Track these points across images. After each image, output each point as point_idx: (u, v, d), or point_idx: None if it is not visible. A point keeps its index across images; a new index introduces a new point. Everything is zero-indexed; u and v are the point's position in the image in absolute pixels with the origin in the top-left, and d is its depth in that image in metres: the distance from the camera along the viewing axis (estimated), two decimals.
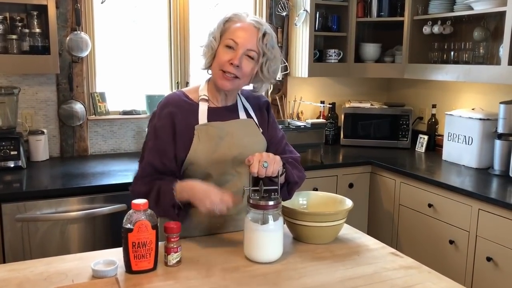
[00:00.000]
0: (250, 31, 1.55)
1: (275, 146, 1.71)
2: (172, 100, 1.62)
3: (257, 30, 1.56)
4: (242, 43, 1.53)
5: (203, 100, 1.63)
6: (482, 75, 2.72)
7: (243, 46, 1.53)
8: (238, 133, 1.63)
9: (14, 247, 2.23)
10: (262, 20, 1.61)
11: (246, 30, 1.55)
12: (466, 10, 2.83)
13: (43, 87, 2.90)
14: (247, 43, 1.53)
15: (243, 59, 1.54)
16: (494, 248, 2.29)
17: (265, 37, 1.56)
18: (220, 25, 1.58)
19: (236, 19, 1.57)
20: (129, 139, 3.16)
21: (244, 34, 1.54)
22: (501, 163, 2.68)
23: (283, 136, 1.78)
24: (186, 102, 1.62)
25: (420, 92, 3.60)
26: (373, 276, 1.37)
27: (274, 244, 1.45)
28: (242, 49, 1.53)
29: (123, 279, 1.31)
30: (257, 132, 1.69)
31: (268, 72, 1.60)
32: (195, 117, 1.60)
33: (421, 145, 3.38)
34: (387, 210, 3.03)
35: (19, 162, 2.63)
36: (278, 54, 1.62)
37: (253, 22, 1.56)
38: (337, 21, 3.43)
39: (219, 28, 1.58)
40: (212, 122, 1.60)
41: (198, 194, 1.45)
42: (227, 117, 1.64)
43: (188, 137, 1.57)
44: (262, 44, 1.55)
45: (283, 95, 3.53)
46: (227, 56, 1.54)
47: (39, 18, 2.64)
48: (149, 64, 3.24)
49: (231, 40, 1.54)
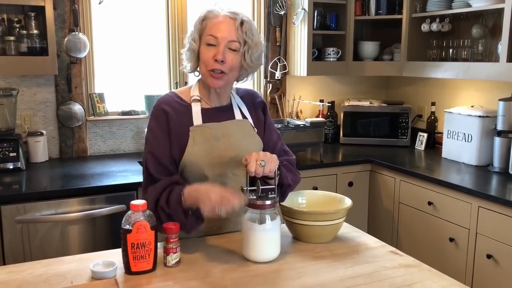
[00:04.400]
0: (227, 23, 1.54)
1: (271, 148, 1.70)
2: (165, 101, 1.61)
3: (234, 21, 1.54)
4: (222, 36, 1.52)
5: (196, 100, 1.62)
6: (481, 72, 2.72)
7: (223, 40, 1.52)
8: (234, 134, 1.62)
9: (14, 249, 2.23)
10: (237, 10, 1.58)
11: (223, 23, 1.54)
12: (464, 8, 2.82)
13: (41, 89, 2.89)
14: (227, 35, 1.52)
15: (226, 53, 1.53)
16: (494, 246, 2.29)
17: (243, 25, 1.54)
18: (197, 25, 1.57)
19: (211, 16, 1.56)
20: (128, 139, 3.15)
21: (222, 28, 1.53)
22: (500, 160, 2.68)
23: (279, 138, 1.77)
24: (178, 103, 1.61)
25: (419, 90, 3.60)
26: (372, 275, 1.37)
27: (272, 244, 1.44)
28: (223, 43, 1.52)
29: (123, 280, 1.31)
30: (253, 133, 1.68)
31: (251, 61, 1.58)
32: (189, 118, 1.59)
33: (420, 143, 3.38)
34: (387, 209, 3.02)
35: (18, 163, 2.63)
36: (259, 40, 1.60)
37: (229, 14, 1.55)
38: (335, 20, 3.42)
39: (196, 29, 1.57)
40: (207, 124, 1.60)
41: (200, 195, 1.42)
42: (221, 118, 1.63)
43: (183, 139, 1.56)
44: (241, 33, 1.54)
45: (282, 94, 3.53)
46: (210, 53, 1.53)
47: (36, 19, 2.63)
48: (148, 65, 3.23)
49: (210, 36, 1.53)
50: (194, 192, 1.45)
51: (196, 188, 1.45)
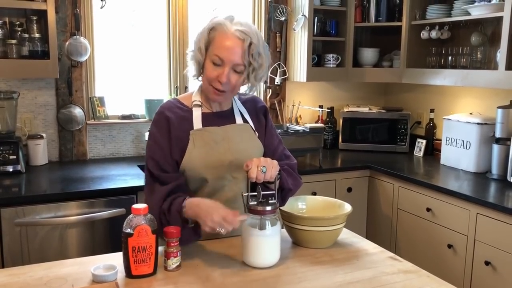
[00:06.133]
0: (235, 44, 1.50)
1: (272, 153, 1.71)
2: (166, 107, 1.63)
3: (242, 42, 1.50)
4: (228, 59, 1.51)
5: (197, 105, 1.63)
6: (480, 80, 2.74)
7: (229, 62, 1.51)
8: (234, 138, 1.63)
9: (13, 252, 2.23)
10: (247, 25, 1.54)
11: (231, 45, 1.51)
12: (464, 16, 2.85)
13: (42, 92, 2.90)
14: (233, 58, 1.51)
15: (230, 74, 1.53)
16: (492, 252, 2.30)
17: (251, 47, 1.52)
18: (204, 34, 1.55)
19: (220, 30, 1.52)
20: (128, 143, 3.16)
21: (229, 50, 1.50)
22: (499, 168, 2.69)
23: (280, 142, 1.78)
24: (180, 108, 1.63)
25: (418, 96, 3.62)
26: (372, 280, 1.38)
27: (272, 249, 1.45)
28: (228, 65, 1.52)
29: (123, 284, 1.31)
30: (254, 137, 1.69)
31: (255, 80, 1.60)
32: (190, 123, 1.60)
33: (419, 150, 3.39)
34: (385, 215, 3.03)
35: (18, 166, 2.64)
36: (265, 60, 1.59)
37: (238, 34, 1.50)
38: (335, 26, 3.44)
39: (203, 38, 1.55)
40: (207, 127, 1.61)
41: (202, 212, 1.42)
42: (222, 122, 1.64)
43: (183, 143, 1.58)
44: (248, 56, 1.53)
45: (282, 99, 3.54)
46: (215, 73, 1.53)
47: (38, 23, 2.65)
48: (148, 69, 3.24)
49: (216, 57, 1.52)
50: (196, 207, 1.45)
51: (198, 204, 1.46)
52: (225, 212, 1.40)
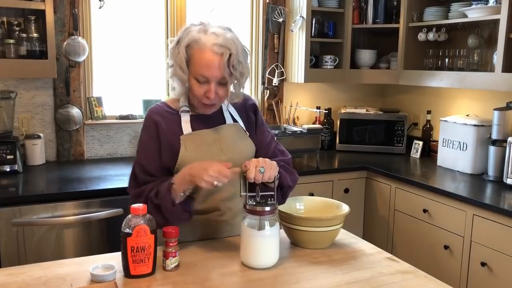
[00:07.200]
0: (216, 61, 1.48)
1: (265, 149, 1.72)
2: (155, 111, 1.64)
3: (221, 57, 1.49)
4: (212, 76, 1.51)
5: (184, 111, 1.64)
6: (477, 82, 2.75)
7: (214, 79, 1.52)
8: (225, 138, 1.64)
9: (10, 252, 2.22)
10: (223, 35, 1.50)
11: (212, 63, 1.48)
12: (461, 18, 2.86)
13: (40, 91, 2.90)
14: (216, 75, 1.51)
15: (217, 87, 1.54)
16: (488, 253, 2.31)
17: (231, 59, 1.50)
18: (182, 51, 1.52)
19: (197, 47, 1.50)
20: (125, 143, 3.16)
21: (211, 69, 1.50)
22: (495, 169, 2.71)
23: (272, 138, 1.78)
24: (168, 112, 1.64)
25: (415, 98, 3.63)
26: (370, 281, 1.38)
27: (270, 250, 1.45)
28: (214, 81, 1.52)
29: (122, 284, 1.31)
30: (245, 136, 1.70)
31: (239, 87, 1.62)
32: (179, 126, 1.61)
33: (416, 151, 3.40)
34: (382, 215, 3.04)
35: (15, 166, 2.63)
36: (247, 66, 1.58)
37: (215, 48, 1.48)
38: (333, 28, 3.45)
39: (182, 56, 1.52)
40: (197, 131, 1.62)
41: (197, 171, 1.44)
42: (212, 123, 1.65)
43: (174, 147, 1.58)
44: (228, 69, 1.52)
45: (279, 100, 3.55)
46: (201, 90, 1.54)
47: (36, 23, 2.64)
48: (146, 69, 3.24)
49: (200, 76, 1.52)
50: (188, 170, 1.47)
51: (190, 167, 1.48)
52: (220, 166, 1.43)
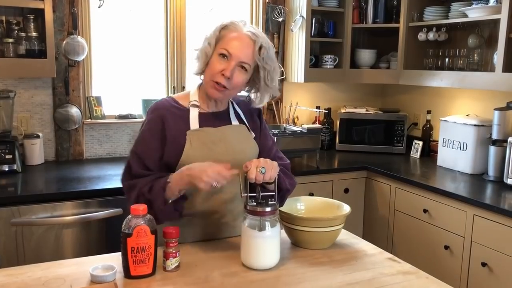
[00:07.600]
0: (246, 42, 1.53)
1: (266, 154, 1.71)
2: (162, 105, 1.62)
3: (253, 43, 1.53)
4: (236, 54, 1.52)
5: (194, 105, 1.62)
6: (477, 82, 2.75)
7: (236, 58, 1.52)
8: (231, 139, 1.63)
9: (9, 252, 2.22)
10: (259, 31, 1.57)
11: (241, 41, 1.53)
12: (461, 18, 2.86)
13: (39, 91, 2.88)
14: (240, 55, 1.52)
15: (235, 70, 1.53)
16: (489, 254, 2.31)
17: (261, 50, 1.54)
18: (216, 31, 1.56)
19: (233, 28, 1.55)
20: (124, 143, 3.15)
21: (238, 45, 1.52)
22: (495, 169, 2.71)
23: (273, 143, 1.78)
24: (176, 108, 1.62)
25: (415, 98, 3.63)
26: (371, 281, 1.38)
27: (271, 251, 1.44)
28: (235, 60, 1.52)
29: (122, 284, 1.31)
30: (250, 138, 1.69)
31: (271, 83, 1.61)
32: (186, 122, 1.60)
33: (416, 151, 3.40)
34: (382, 216, 3.04)
35: (14, 166, 2.62)
36: (277, 65, 1.63)
37: (249, 34, 1.53)
38: (333, 27, 3.45)
39: (215, 34, 1.56)
40: (204, 128, 1.60)
41: (195, 171, 1.43)
42: (218, 123, 1.64)
43: (179, 143, 1.57)
44: (259, 57, 1.54)
45: (279, 100, 3.54)
46: (220, 66, 1.53)
47: (35, 22, 2.63)
48: (145, 68, 3.23)
49: (225, 49, 1.52)
50: (187, 170, 1.46)
51: (189, 167, 1.46)
52: (218, 167, 1.42)
